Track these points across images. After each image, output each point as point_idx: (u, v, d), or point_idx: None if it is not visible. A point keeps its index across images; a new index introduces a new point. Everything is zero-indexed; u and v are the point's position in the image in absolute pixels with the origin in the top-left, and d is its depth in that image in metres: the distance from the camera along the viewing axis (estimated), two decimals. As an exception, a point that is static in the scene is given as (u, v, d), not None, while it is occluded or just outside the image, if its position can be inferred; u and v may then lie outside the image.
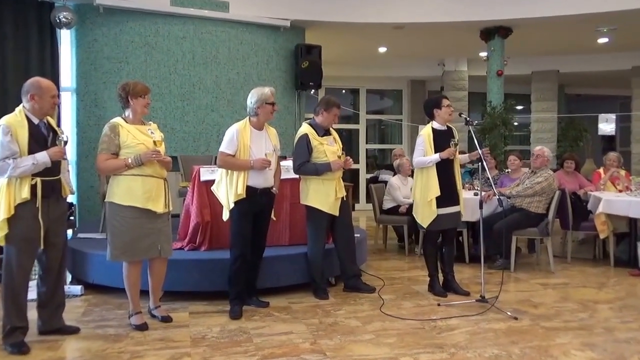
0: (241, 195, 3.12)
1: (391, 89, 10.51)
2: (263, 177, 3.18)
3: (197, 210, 3.82)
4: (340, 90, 10.13)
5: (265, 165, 3.12)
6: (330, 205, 3.59)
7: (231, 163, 3.15)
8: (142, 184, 2.83)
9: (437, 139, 3.61)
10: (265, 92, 3.17)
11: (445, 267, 3.80)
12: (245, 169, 3.13)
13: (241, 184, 3.11)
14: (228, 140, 3.16)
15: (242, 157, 3.14)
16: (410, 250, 5.34)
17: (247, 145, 3.13)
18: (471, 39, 7.71)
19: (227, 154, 3.15)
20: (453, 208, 3.65)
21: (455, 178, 3.66)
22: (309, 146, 3.54)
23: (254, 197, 3.16)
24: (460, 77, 9.49)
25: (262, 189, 3.20)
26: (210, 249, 3.82)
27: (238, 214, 3.16)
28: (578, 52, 9.03)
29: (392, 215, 5.41)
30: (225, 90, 6.20)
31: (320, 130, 3.64)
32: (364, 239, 4.59)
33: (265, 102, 3.16)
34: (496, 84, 7.57)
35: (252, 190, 3.15)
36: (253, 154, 3.15)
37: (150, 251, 2.92)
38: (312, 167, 3.54)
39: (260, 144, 3.19)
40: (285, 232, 4.03)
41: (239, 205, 3.13)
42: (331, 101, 3.65)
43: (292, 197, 4.00)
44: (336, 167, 3.56)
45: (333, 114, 3.63)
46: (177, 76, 5.95)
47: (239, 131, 3.15)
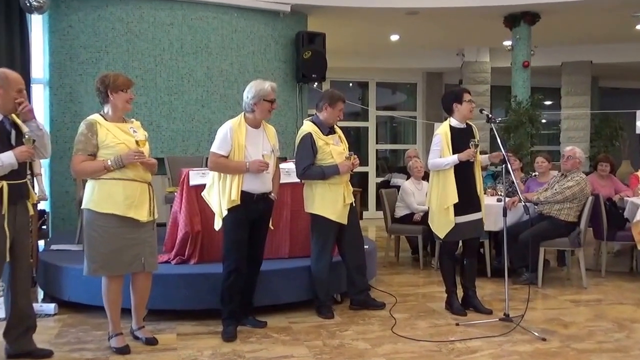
0: (235, 201, 3.12)
1: (404, 82, 10.51)
2: (260, 181, 3.19)
3: (186, 219, 3.83)
4: (346, 84, 10.15)
5: (262, 167, 3.13)
6: (339, 213, 3.58)
7: (224, 165, 3.15)
8: (124, 189, 2.83)
9: (456, 139, 3.61)
10: (264, 88, 3.17)
11: (466, 282, 3.79)
12: (240, 172, 3.13)
13: (235, 189, 3.11)
14: (221, 139, 3.16)
15: (236, 158, 3.14)
16: (425, 264, 5.33)
17: (242, 145, 3.13)
18: (494, 26, 7.71)
19: (219, 155, 3.15)
20: (474, 215, 3.65)
21: (476, 182, 3.65)
22: (314, 147, 3.54)
23: (250, 204, 3.16)
24: (481, 68, 9.50)
25: (259, 195, 3.20)
26: (200, 262, 3.82)
27: (232, 223, 3.15)
28: (613, 41, 9.03)
29: (405, 225, 5.41)
30: (218, 83, 6.22)
31: (325, 128, 3.64)
32: (374, 251, 4.59)
33: (264, 98, 3.17)
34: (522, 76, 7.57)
35: (247, 196, 3.15)
36: (249, 155, 3.15)
37: (133, 265, 2.92)
38: (318, 171, 3.54)
39: (257, 144, 3.20)
40: (285, 243, 4.03)
41: (233, 212, 3.13)
42: (335, 95, 3.65)
43: (293, 204, 4.00)
44: (345, 170, 3.56)
45: (338, 109, 3.63)
46: (164, 67, 5.98)
47: (232, 129, 3.15)
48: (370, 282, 4.28)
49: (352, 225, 3.68)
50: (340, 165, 3.54)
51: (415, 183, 5.53)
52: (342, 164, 3.55)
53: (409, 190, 5.42)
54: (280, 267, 3.76)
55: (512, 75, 7.70)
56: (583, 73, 9.77)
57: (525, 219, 4.54)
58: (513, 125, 7.32)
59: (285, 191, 3.95)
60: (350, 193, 3.69)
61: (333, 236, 3.63)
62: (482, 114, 3.69)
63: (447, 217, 3.59)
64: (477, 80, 9.42)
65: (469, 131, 3.68)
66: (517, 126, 7.30)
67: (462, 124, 3.68)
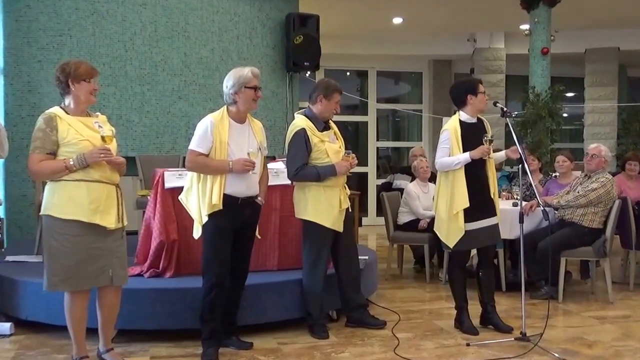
0: (217, 206, 3.11)
1: (408, 71, 10.55)
2: (245, 183, 3.18)
3: (161, 226, 3.82)
4: (343, 73, 10.17)
5: (248, 167, 3.12)
6: (334, 219, 3.59)
7: (204, 165, 3.15)
8: (88, 192, 2.81)
9: (467, 135, 3.62)
10: (244, 74, 3.17)
11: (484, 296, 3.80)
12: (222, 173, 3.13)
13: (217, 192, 3.11)
14: (200, 135, 3.15)
15: (218, 157, 3.14)
16: (432, 276, 5.34)
17: (224, 141, 3.13)
18: (509, 7, 7.75)
19: (198, 153, 3.14)
20: (488, 221, 3.66)
21: (490, 183, 3.67)
22: (308, 144, 3.54)
23: (233, 209, 3.15)
24: (495, 56, 9.55)
25: (244, 199, 3.19)
26: (177, 275, 3.82)
27: (213, 231, 3.15)
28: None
29: (409, 232, 5.42)
30: (197, 71, 6.20)
31: (319, 123, 3.64)
32: (374, 262, 4.59)
33: (245, 85, 3.16)
34: (541, 64, 7.62)
35: (231, 200, 3.15)
36: (232, 154, 3.15)
37: (100, 278, 2.91)
38: (312, 172, 3.54)
39: (241, 141, 3.19)
40: (273, 254, 4.03)
41: (215, 219, 3.13)
42: (331, 85, 3.65)
43: (282, 209, 4.00)
44: (342, 170, 3.57)
45: (334, 102, 3.63)
46: (135, 54, 5.95)
47: (214, 124, 3.14)
48: (370, 297, 4.29)
49: (346, 233, 3.69)
50: (337, 165, 3.54)
51: (421, 185, 5.55)
52: (339, 163, 3.55)
53: (413, 194, 5.43)
54: (268, 280, 3.75)
55: (529, 64, 7.75)
56: (609, 61, 9.84)
57: (545, 226, 4.55)
58: (531, 119, 7.37)
59: (274, 194, 3.94)
60: (347, 197, 3.69)
61: (328, 245, 3.63)
62: (497, 107, 3.70)
63: (456, 224, 3.58)
64: (491, 69, 9.47)
65: (480, 126, 3.69)
66: (535, 121, 7.34)
67: (473, 118, 3.69)
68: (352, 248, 3.77)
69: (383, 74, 10.31)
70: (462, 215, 3.58)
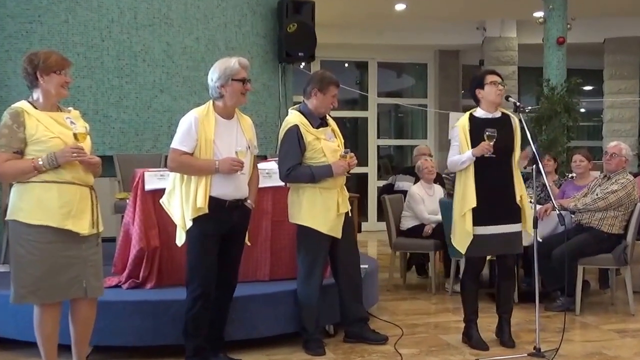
0: (202, 209, 3.10)
1: (412, 62, 10.57)
2: (233, 184, 3.17)
3: (141, 232, 3.81)
4: (341, 64, 10.18)
5: (235, 167, 3.12)
6: (332, 224, 3.58)
7: (188, 165, 3.14)
8: (59, 195, 2.79)
9: (478, 131, 3.61)
10: (230, 65, 3.16)
11: (500, 308, 3.83)
12: (207, 174, 3.12)
13: (202, 195, 3.10)
14: (183, 132, 3.15)
15: (203, 156, 3.13)
16: (438, 287, 5.33)
17: (210, 139, 3.13)
18: (521, -7, 7.77)
19: (181, 151, 3.13)
20: (504, 227, 3.65)
21: (510, 185, 3.66)
22: (302, 142, 3.54)
23: (220, 213, 3.14)
24: (507, 46, 9.57)
25: (232, 202, 3.18)
26: (159, 286, 3.80)
27: (198, 237, 3.14)
28: (668, 12, 9.13)
29: (413, 239, 5.42)
30: (180, 63, 6.18)
31: (315, 119, 3.64)
32: (375, 271, 4.59)
33: (232, 77, 3.15)
34: (556, 55, 7.64)
35: (217, 203, 3.14)
36: (219, 152, 3.14)
37: (72, 289, 2.88)
38: (306, 172, 3.53)
39: (228, 138, 3.19)
40: (265, 263, 4.03)
41: (200, 224, 3.12)
42: (326, 77, 3.66)
43: (275, 213, 3.99)
44: (339, 171, 3.56)
45: (331, 95, 3.63)
46: (112, 43, 5.93)
47: (198, 120, 3.14)
48: (370, 310, 4.28)
49: (346, 239, 3.68)
50: (334, 165, 3.54)
51: (426, 187, 5.55)
52: (336, 163, 3.55)
53: (417, 197, 5.43)
54: (258, 291, 3.74)
55: (544, 55, 7.76)
56: (630, 52, 9.87)
57: (561, 231, 4.56)
58: (545, 115, 7.39)
59: (265, 197, 3.94)
60: (346, 200, 3.69)
61: (324, 253, 3.63)
62: (509, 102, 3.71)
63: (464, 226, 3.61)
64: (502, 60, 9.49)
65: (503, 122, 3.66)
66: (550, 117, 7.37)
67: (491, 112, 3.69)
68: (353, 255, 3.76)
69: (384, 66, 10.32)
70: (470, 217, 3.59)
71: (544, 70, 7.83)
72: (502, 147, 3.60)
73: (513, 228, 3.67)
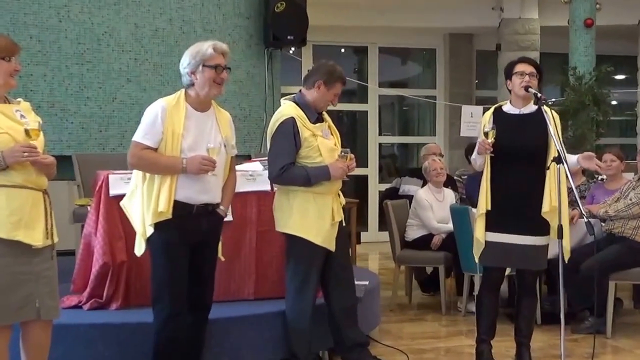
0: (164, 214, 3.07)
1: (419, 47, 10.58)
2: (202, 186, 3.15)
3: (105, 244, 3.79)
4: (336, 50, 10.19)
5: (205, 168, 3.09)
6: (326, 235, 3.57)
7: (151, 161, 3.11)
8: (8, 201, 2.77)
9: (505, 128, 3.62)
10: (203, 49, 3.13)
11: (518, 331, 3.84)
12: (173, 173, 3.09)
13: (165, 197, 3.07)
14: (148, 123, 3.12)
15: (169, 152, 3.10)
16: (449, 306, 5.35)
17: (177, 133, 3.10)
18: (543, -32, 7.80)
19: (144, 145, 3.11)
20: (519, 238, 3.67)
21: (530, 190, 3.66)
22: (298, 138, 3.54)
23: (186, 220, 3.12)
24: (527, 29, 9.59)
25: (200, 207, 3.16)
26: (126, 306, 3.79)
27: (161, 247, 3.12)
28: None
29: (420, 251, 5.42)
30: (151, 47, 6.18)
31: (312, 113, 3.64)
32: (376, 288, 4.59)
33: (204, 63, 3.14)
34: (583, 40, 7.67)
35: (183, 208, 3.11)
36: (187, 148, 3.11)
37: (23, 310, 2.86)
38: (301, 174, 3.53)
39: (200, 133, 3.16)
40: (248, 280, 4.02)
41: (162, 231, 3.08)
42: (337, 72, 3.66)
43: (260, 222, 3.99)
44: (338, 174, 3.55)
45: (333, 93, 3.64)
46: (72, 24, 5.92)
47: (165, 110, 3.11)
48: (370, 333, 4.27)
49: (340, 252, 3.68)
50: (331, 167, 3.53)
51: (434, 191, 5.56)
52: (334, 165, 3.53)
53: (425, 202, 5.44)
54: (242, 313, 3.73)
55: (569, 39, 7.79)
56: (668, 35, 9.91)
57: (589, 242, 4.57)
58: (571, 108, 7.41)
59: (249, 203, 3.93)
60: (340, 207, 3.69)
61: (317, 267, 3.62)
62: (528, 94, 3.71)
63: (475, 232, 3.70)
64: (522, 45, 9.50)
65: (532, 119, 3.67)
66: (576, 110, 7.39)
67: (519, 107, 3.73)
68: (347, 271, 3.76)
69: (387, 52, 10.34)
70: (482, 223, 3.66)
71: (569, 57, 7.86)
72: (523, 146, 3.61)
73: (533, 241, 3.68)
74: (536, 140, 3.64)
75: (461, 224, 5.02)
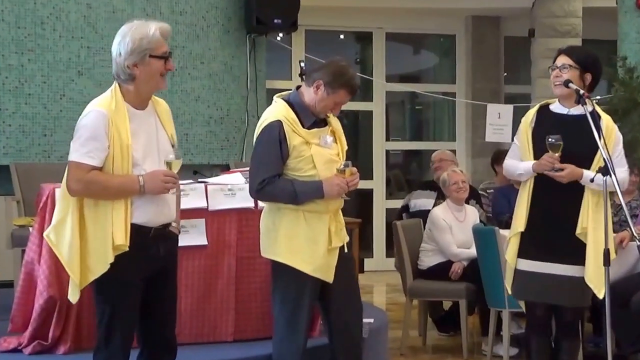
0: (122, 247, 3.02)
1: (435, 33, 10.61)
2: (160, 204, 3.14)
3: (51, 274, 3.78)
4: (334, 36, 10.22)
5: (168, 186, 3.07)
6: (319, 262, 3.57)
7: (101, 186, 3.04)
8: None
9: (546, 131, 3.65)
10: (149, 34, 3.05)
11: None
12: (129, 195, 3.06)
13: (120, 225, 3.01)
14: (88, 137, 3.03)
15: (118, 169, 3.05)
16: (472, 349, 5.35)
17: (125, 144, 3.04)
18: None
19: (89, 166, 3.03)
20: (554, 267, 3.70)
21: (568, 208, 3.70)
22: (284, 146, 3.55)
23: (145, 248, 3.09)
24: (567, 10, 9.64)
25: (157, 229, 3.15)
26: (76, 350, 3.79)
27: (114, 288, 3.07)
28: None
29: (437, 281, 5.43)
30: (107, 33, 6.19)
31: (308, 116, 3.65)
32: (383, 327, 4.60)
33: (151, 53, 3.08)
34: (635, 24, 7.71)
35: (138, 232, 3.08)
36: (140, 162, 3.08)
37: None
38: (286, 189, 3.54)
39: (148, 139, 3.14)
40: (226, 317, 4.03)
41: (115, 267, 3.03)
42: (345, 75, 3.60)
43: (240, 247, 4.01)
44: (333, 192, 3.53)
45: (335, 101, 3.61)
46: (9, 5, 5.92)
47: (108, 117, 3.04)
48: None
49: (342, 283, 3.66)
50: (326, 182, 3.53)
51: (454, 209, 5.57)
52: (329, 180, 3.52)
53: (442, 223, 5.44)
54: (219, 357, 3.75)
55: (618, 23, 7.84)
56: None
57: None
58: (620, 107, 7.43)
59: (228, 224, 3.96)
60: (342, 229, 3.69)
61: (308, 302, 3.61)
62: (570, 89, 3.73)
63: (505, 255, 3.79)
64: (560, 30, 9.56)
65: (577, 123, 3.68)
66: (627, 109, 7.41)
67: (568, 107, 3.75)
68: (353, 306, 3.73)
69: (396, 38, 10.37)
70: (516, 245, 3.72)
71: (618, 45, 7.89)
72: (571, 155, 3.62)
73: (570, 271, 3.70)
74: (586, 149, 3.64)
75: (487, 249, 5.03)
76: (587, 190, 3.68)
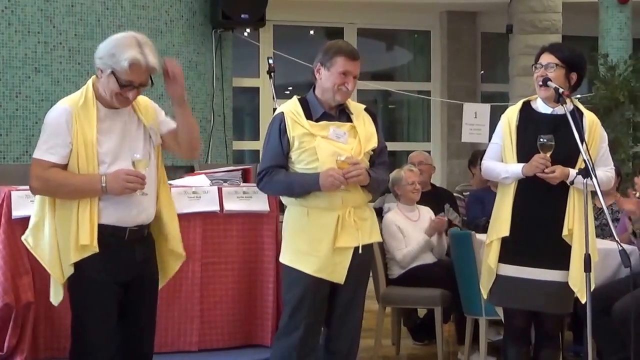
0: (88, 248, 3.05)
1: (409, 29, 10.64)
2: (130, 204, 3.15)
3: (6, 281, 3.79)
4: (303, 32, 10.23)
5: (131, 186, 3.07)
6: (323, 262, 3.58)
7: (59, 183, 3.08)
8: None
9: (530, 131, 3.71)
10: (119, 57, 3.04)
11: None
12: (90, 195, 3.08)
13: (86, 225, 3.05)
14: (50, 133, 3.09)
15: (82, 168, 3.09)
16: (449, 358, 5.38)
17: (90, 141, 3.08)
18: None
19: (49, 163, 3.08)
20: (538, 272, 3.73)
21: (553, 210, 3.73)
22: (285, 137, 3.60)
23: (118, 250, 3.12)
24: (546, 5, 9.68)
25: (133, 230, 3.17)
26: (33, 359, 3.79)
27: (85, 290, 3.10)
28: None
29: (410, 288, 5.44)
30: (65, 28, 6.17)
31: (317, 108, 3.70)
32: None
33: (114, 71, 3.06)
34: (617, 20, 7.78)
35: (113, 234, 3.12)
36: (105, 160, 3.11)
37: None
38: (281, 180, 3.60)
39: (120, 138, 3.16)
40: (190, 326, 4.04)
41: (84, 268, 3.07)
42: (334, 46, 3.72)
43: (205, 252, 4.03)
44: (327, 183, 3.54)
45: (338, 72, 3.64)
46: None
47: (71, 113, 3.09)
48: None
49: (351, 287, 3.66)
50: (324, 174, 3.52)
51: (405, 210, 5.52)
52: (326, 173, 3.54)
53: (392, 228, 5.36)
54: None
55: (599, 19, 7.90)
56: None
57: (624, 276, 4.64)
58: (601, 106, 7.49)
59: (192, 228, 3.97)
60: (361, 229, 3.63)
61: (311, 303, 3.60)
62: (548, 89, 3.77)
63: (486, 259, 3.78)
64: (539, 25, 9.61)
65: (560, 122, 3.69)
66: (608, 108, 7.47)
67: (552, 106, 3.77)
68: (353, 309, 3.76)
69: (368, 34, 10.39)
70: (497, 249, 3.73)
71: (599, 42, 7.96)
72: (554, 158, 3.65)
73: (555, 276, 3.74)
74: (572, 149, 3.64)
75: (463, 254, 5.06)
76: (573, 191, 3.72)
